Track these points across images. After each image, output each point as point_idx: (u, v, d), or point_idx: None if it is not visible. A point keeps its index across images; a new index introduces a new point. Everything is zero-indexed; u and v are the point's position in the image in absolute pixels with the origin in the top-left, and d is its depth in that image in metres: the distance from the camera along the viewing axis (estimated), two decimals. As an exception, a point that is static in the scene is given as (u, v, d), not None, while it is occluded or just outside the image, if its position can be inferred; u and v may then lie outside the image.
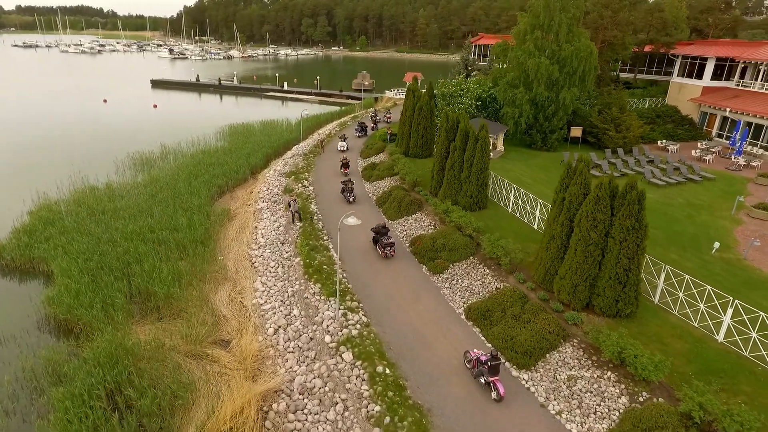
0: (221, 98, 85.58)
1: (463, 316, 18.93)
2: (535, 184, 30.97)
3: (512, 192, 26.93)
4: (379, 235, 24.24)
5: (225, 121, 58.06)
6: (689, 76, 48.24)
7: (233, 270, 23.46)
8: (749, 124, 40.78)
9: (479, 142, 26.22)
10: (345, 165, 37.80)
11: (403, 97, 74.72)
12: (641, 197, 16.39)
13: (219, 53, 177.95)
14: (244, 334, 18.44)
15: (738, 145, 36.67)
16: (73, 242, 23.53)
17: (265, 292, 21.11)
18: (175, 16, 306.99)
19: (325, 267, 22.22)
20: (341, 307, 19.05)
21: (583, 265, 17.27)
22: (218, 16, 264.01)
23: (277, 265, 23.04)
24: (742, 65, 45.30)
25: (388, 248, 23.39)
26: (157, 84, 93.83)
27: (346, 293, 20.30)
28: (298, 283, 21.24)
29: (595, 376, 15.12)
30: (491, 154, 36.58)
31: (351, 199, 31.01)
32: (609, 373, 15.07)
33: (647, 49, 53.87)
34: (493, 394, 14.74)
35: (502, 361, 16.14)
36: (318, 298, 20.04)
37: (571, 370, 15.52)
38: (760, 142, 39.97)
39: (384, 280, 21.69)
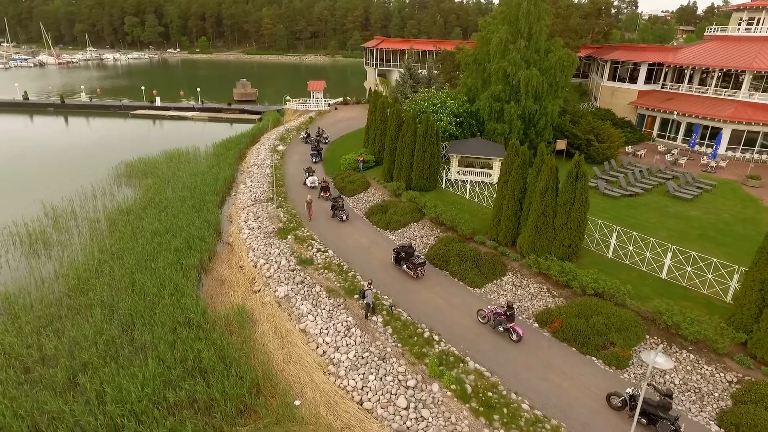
0: (67, 121, 66.23)
1: (728, 437, 14.07)
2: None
3: (614, 234, 22.80)
4: (406, 255, 22.70)
5: (102, 156, 44.01)
6: (621, 80, 50.42)
7: (335, 424, 14.93)
8: (692, 125, 43.66)
9: (580, 180, 21.50)
10: (325, 188, 32.79)
11: (311, 108, 66.78)
12: None
13: (27, 59, 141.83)
14: None
15: (714, 148, 38.54)
16: None
17: (433, 462, 13.41)
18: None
19: (492, 395, 15.20)
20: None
21: None
22: (7, 13, 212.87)
23: (414, 404, 15.19)
24: (666, 69, 48.67)
25: (420, 268, 22.31)
26: (-40, 106, 68.92)
27: (561, 438, 13.79)
28: (484, 439, 13.93)
29: None
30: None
31: (344, 217, 28.72)
32: None
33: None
34: (513, 337, 17.95)
35: (515, 309, 19.08)
36: (541, 461, 13.19)
37: None
38: (706, 142, 42.93)
39: (562, 384, 15.63)
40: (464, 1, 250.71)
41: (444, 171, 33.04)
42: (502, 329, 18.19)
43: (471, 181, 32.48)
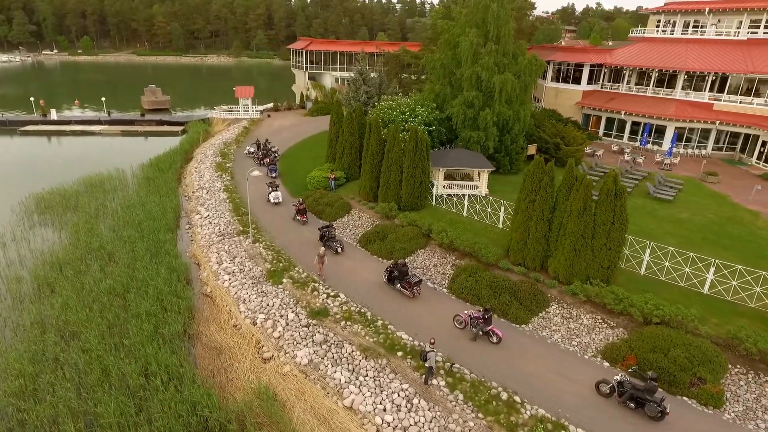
0: (-70, 142, 53.64)
1: None
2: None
3: (647, 249, 21.74)
4: (400, 273, 21.23)
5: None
6: (565, 81, 51.47)
7: None
8: (636, 123, 45.60)
9: (619, 198, 20.15)
10: (301, 212, 29.06)
11: (242, 116, 60.35)
12: None
13: None
14: None
15: (670, 146, 40.19)
16: None
17: None
18: None
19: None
20: None
21: None
22: None
23: (533, 499, 12.43)
24: (605, 70, 50.50)
25: (416, 287, 21.05)
26: None
27: None
28: None
29: None
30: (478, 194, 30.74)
31: (339, 249, 25.04)
32: None
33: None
34: (493, 339, 18.11)
35: (492, 313, 19.09)
36: None
37: None
38: (651, 139, 44.94)
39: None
40: (367, 0, 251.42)
41: (432, 186, 30.52)
42: (480, 333, 18.23)
43: (457, 195, 30.43)
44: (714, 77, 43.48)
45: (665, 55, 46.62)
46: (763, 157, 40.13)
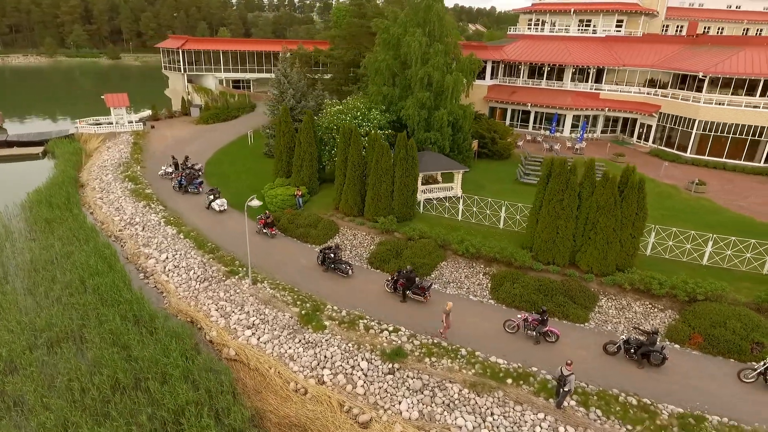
0: None
1: None
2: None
3: (652, 232, 23.87)
4: (408, 281, 20.82)
5: None
6: (471, 76, 53.97)
7: None
8: (536, 112, 50.22)
9: (641, 190, 21.81)
10: (270, 225, 27.17)
11: (120, 129, 50.19)
12: None
13: None
14: None
15: (579, 134, 44.85)
16: None
17: None
18: None
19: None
20: None
21: None
22: None
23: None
24: (502, 65, 54.33)
25: (427, 292, 20.94)
26: None
27: None
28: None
29: None
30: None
31: (350, 272, 23.08)
32: None
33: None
34: (552, 339, 18.48)
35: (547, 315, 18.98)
36: None
37: None
38: (553, 126, 49.83)
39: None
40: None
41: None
42: (536, 334, 18.41)
43: (437, 199, 30.00)
44: (594, 70, 49.75)
45: (552, 51, 51.81)
46: (642, 136, 47.41)
